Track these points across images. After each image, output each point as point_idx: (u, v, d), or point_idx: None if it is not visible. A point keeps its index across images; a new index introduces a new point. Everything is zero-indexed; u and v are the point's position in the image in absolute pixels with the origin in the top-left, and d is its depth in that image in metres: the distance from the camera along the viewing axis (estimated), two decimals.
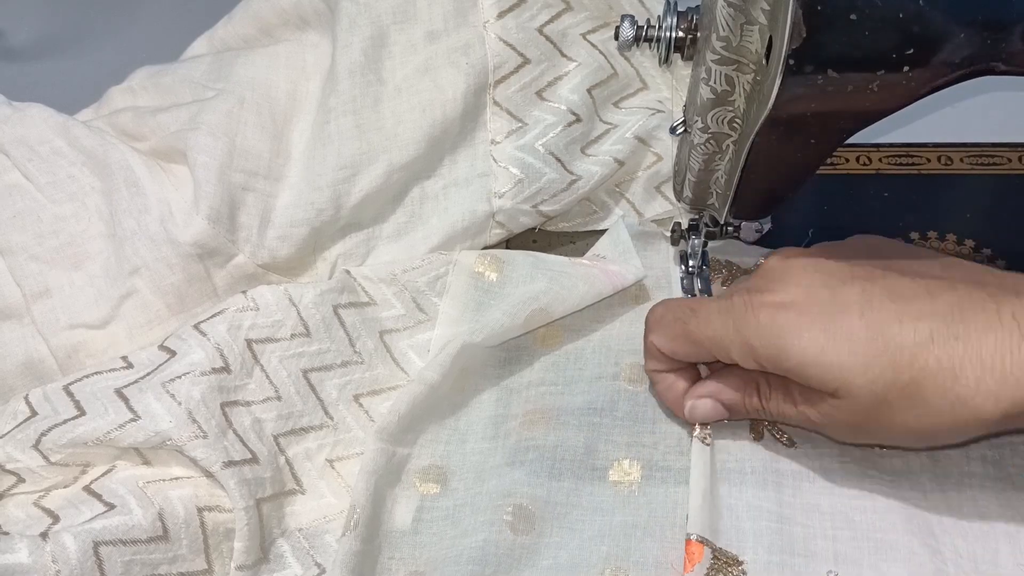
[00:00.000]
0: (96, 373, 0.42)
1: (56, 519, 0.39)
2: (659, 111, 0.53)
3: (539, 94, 0.51)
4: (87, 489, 0.40)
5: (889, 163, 0.57)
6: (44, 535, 0.37)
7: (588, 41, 0.52)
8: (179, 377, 0.41)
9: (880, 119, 0.34)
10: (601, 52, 0.52)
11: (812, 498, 0.41)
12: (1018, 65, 0.33)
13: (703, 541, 0.40)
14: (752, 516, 0.41)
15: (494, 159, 0.51)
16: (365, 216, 0.49)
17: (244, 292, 0.45)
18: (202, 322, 0.44)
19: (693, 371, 0.43)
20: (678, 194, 0.42)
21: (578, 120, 0.51)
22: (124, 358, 0.43)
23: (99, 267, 0.46)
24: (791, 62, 0.32)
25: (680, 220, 0.47)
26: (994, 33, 0.32)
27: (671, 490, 0.42)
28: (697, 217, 0.46)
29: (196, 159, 0.46)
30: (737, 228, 0.46)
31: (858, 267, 0.38)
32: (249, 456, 0.41)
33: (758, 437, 0.43)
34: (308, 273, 0.49)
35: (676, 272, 0.48)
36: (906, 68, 0.33)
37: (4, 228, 0.46)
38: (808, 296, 0.37)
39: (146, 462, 0.41)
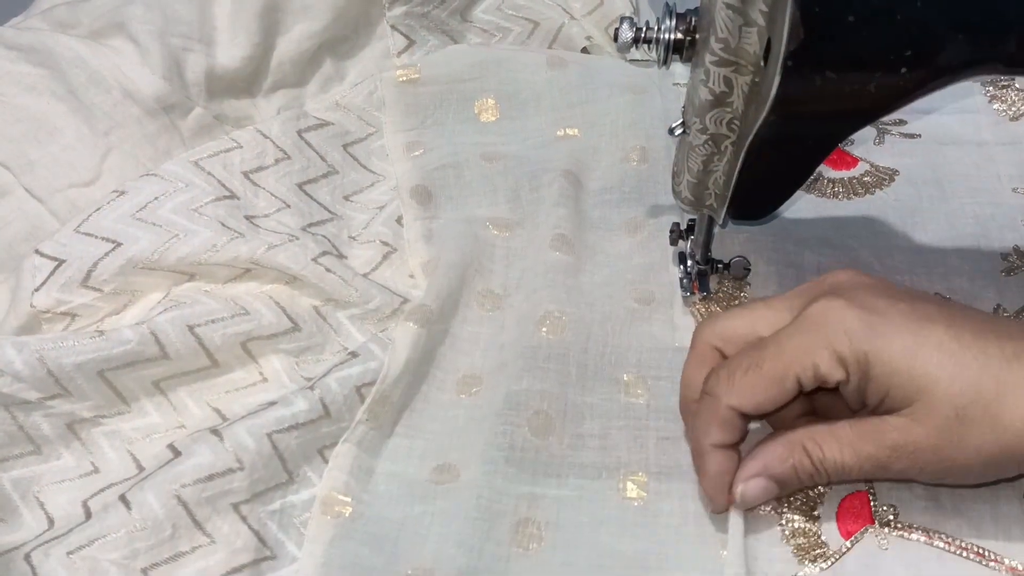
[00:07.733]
0: (96, 210, 0.45)
1: (177, 453, 0.39)
2: None
3: None
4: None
5: None
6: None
7: None
8: (203, 205, 0.46)
9: (879, 119, 0.34)
10: None
11: None
12: (1016, 66, 0.33)
13: None
14: None
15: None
16: (289, 78, 0.55)
17: (226, 134, 0.51)
18: (199, 160, 0.49)
19: (736, 451, 0.39)
20: (677, 195, 0.42)
21: None
22: (114, 191, 0.46)
23: (73, 136, 0.48)
24: (789, 63, 0.32)
25: (679, 220, 0.47)
26: (991, 35, 0.32)
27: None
28: (689, 259, 0.47)
29: (138, 28, 0.50)
30: (727, 266, 0.46)
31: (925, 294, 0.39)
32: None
33: None
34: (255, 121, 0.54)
35: (676, 272, 0.48)
36: (904, 69, 0.33)
37: None
38: (890, 306, 0.36)
39: (191, 277, 0.46)
